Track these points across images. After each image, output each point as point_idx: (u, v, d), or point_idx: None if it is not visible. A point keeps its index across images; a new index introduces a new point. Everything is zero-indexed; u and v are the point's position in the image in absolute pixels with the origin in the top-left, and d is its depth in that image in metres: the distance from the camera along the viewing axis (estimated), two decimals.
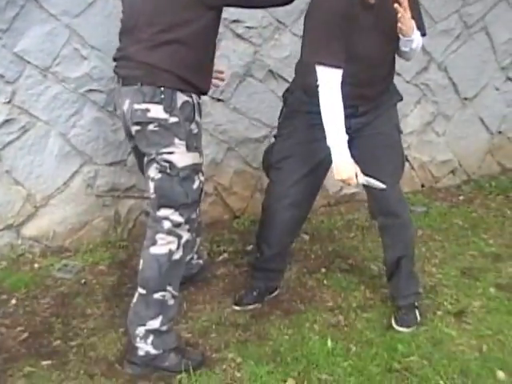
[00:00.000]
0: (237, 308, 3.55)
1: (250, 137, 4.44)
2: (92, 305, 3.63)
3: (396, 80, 4.68)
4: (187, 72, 2.91)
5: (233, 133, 4.42)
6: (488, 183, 5.35)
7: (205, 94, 3.12)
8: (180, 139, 2.91)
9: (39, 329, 3.43)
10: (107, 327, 3.41)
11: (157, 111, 2.88)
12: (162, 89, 2.88)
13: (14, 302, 3.68)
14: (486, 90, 5.25)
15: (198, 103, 3.04)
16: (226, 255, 4.18)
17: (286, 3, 3.15)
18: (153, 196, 2.97)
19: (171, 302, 3.07)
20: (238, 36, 4.27)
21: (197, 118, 3.02)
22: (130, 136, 3.08)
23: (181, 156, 2.93)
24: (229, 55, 4.27)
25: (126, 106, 2.95)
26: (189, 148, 2.95)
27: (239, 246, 4.06)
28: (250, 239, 4.27)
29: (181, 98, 2.91)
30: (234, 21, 4.23)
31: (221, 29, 4.07)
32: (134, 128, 2.95)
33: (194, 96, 2.99)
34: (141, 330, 3.02)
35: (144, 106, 2.89)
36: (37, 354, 3.21)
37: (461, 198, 5.15)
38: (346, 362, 3.08)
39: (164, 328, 3.06)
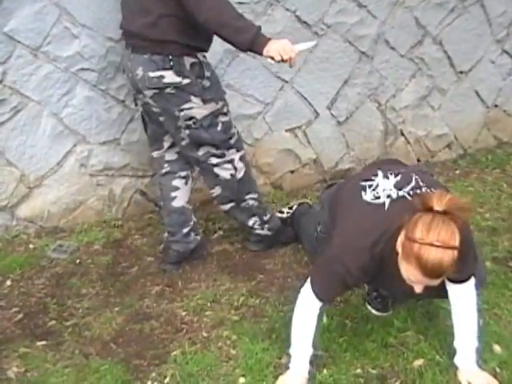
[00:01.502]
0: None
1: (243, 113, 4.39)
2: (87, 284, 3.65)
3: (390, 54, 4.74)
4: (188, 38, 3.27)
5: None
6: (484, 157, 5.30)
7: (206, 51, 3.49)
8: (195, 96, 3.37)
9: (34, 309, 3.45)
10: (102, 307, 3.44)
11: (170, 76, 3.30)
12: (170, 57, 3.28)
13: (8, 283, 3.69)
14: (482, 64, 5.20)
15: (204, 61, 3.44)
16: (220, 232, 4.17)
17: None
18: (187, 142, 3.51)
19: (255, 204, 3.78)
20: None
21: (206, 73, 3.42)
22: (139, 94, 3.48)
23: (199, 109, 3.40)
24: None
25: (139, 73, 3.34)
26: (204, 101, 3.40)
27: (234, 223, 4.03)
28: None
29: (188, 60, 3.32)
30: None
31: None
32: (151, 92, 3.37)
33: (199, 55, 3.39)
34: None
35: (158, 73, 3.30)
36: (32, 335, 3.23)
37: (457, 172, 5.11)
38: (342, 338, 3.10)
39: (264, 225, 3.86)
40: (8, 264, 3.84)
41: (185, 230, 3.75)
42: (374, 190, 2.85)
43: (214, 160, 3.58)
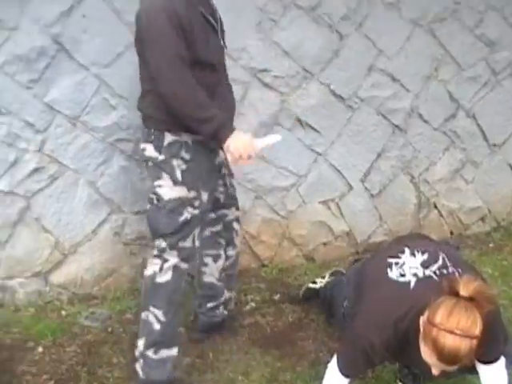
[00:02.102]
0: None
1: (277, 185, 4.45)
2: (118, 353, 3.64)
3: (423, 127, 4.76)
4: (169, 116, 3.14)
5: (260, 181, 4.42)
6: None
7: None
8: (167, 174, 3.21)
9: (65, 377, 3.44)
10: (133, 377, 3.39)
11: (150, 150, 3.24)
12: (152, 130, 3.23)
13: (40, 349, 3.69)
14: None
15: (189, 143, 3.22)
16: (253, 304, 4.16)
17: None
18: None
19: (156, 326, 3.25)
20: (266, 85, 4.29)
21: (184, 155, 3.22)
22: None
23: (167, 189, 3.22)
24: (256, 104, 4.29)
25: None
26: (175, 182, 3.21)
27: (266, 295, 4.04)
28: (277, 288, 4.28)
29: (168, 137, 3.20)
30: (262, 70, 4.25)
31: (248, 78, 4.20)
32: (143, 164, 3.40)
33: (183, 135, 3.20)
34: (136, 350, 3.35)
35: (143, 145, 3.30)
36: None
37: (490, 245, 5.09)
38: None
39: (149, 353, 3.26)
40: (40, 330, 3.83)
41: (212, 304, 3.73)
42: (400, 267, 2.86)
43: (155, 252, 3.29)
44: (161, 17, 2.99)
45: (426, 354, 2.50)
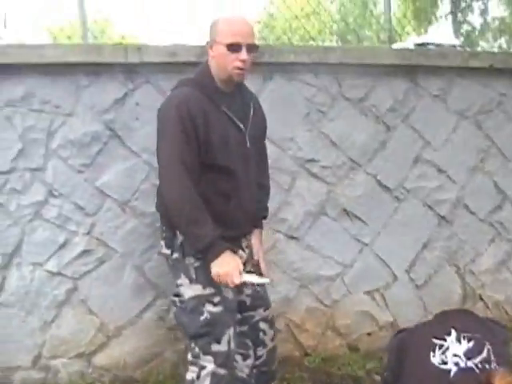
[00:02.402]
0: None
1: (322, 274, 4.45)
2: None
3: (469, 218, 4.75)
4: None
5: (305, 270, 4.43)
6: None
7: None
8: (183, 273, 3.19)
9: None
10: None
11: (164, 247, 3.29)
12: (164, 228, 3.28)
13: None
14: None
15: None
16: None
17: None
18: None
19: None
20: (313, 175, 4.35)
21: (195, 252, 3.14)
22: None
23: (186, 288, 3.19)
24: (303, 194, 4.34)
25: None
26: (190, 281, 3.18)
27: None
28: (320, 377, 4.22)
29: (179, 236, 3.19)
30: (310, 160, 4.32)
31: (296, 168, 4.24)
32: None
33: None
34: None
35: (161, 242, 3.34)
36: None
37: None
38: None
39: None
40: None
41: None
42: (443, 353, 2.82)
43: (190, 358, 3.24)
44: (173, 118, 3.03)
45: None
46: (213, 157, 3.06)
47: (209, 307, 3.14)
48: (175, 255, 3.20)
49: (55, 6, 5.67)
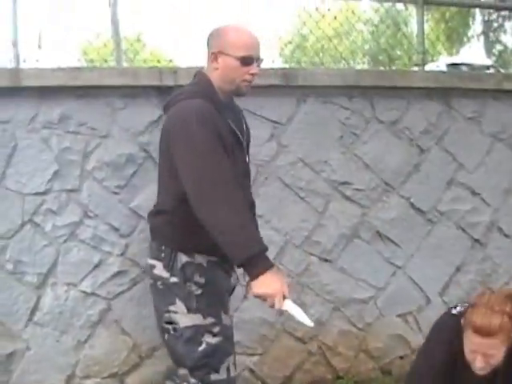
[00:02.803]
0: None
1: (355, 297, 4.44)
2: None
3: (503, 241, 4.74)
4: (182, 236, 2.94)
5: (338, 293, 4.42)
6: None
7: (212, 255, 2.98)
8: (180, 300, 2.94)
9: None
10: None
11: (160, 269, 2.99)
12: (163, 247, 2.99)
13: None
14: None
15: (203, 263, 2.98)
16: None
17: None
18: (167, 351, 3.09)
19: None
20: (347, 198, 4.36)
21: (199, 279, 2.95)
22: None
23: (182, 316, 2.94)
24: (337, 216, 4.34)
25: None
26: (189, 310, 2.94)
27: None
28: None
29: (182, 258, 2.94)
30: (343, 183, 4.33)
31: (329, 191, 4.24)
32: (149, 281, 3.12)
33: (197, 256, 2.96)
34: None
35: (151, 261, 3.05)
36: None
37: None
38: None
39: None
40: None
41: None
42: None
43: None
44: (200, 127, 2.80)
45: (466, 338, 2.79)
46: None
47: (208, 338, 2.95)
48: (174, 279, 2.94)
49: (88, 26, 5.72)
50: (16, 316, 3.95)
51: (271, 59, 4.66)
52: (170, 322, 2.98)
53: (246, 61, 2.94)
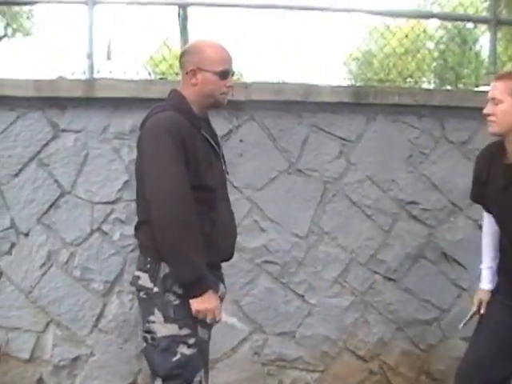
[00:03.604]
0: None
1: (418, 318, 4.39)
2: None
3: None
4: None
5: (402, 313, 4.38)
6: None
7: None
8: (158, 309, 2.93)
9: None
10: None
11: (145, 280, 2.97)
12: (148, 259, 2.97)
13: None
14: None
15: None
16: None
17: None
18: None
19: None
20: (414, 217, 4.32)
21: (177, 289, 2.91)
22: None
23: (160, 326, 2.92)
24: (403, 235, 4.32)
25: None
26: (166, 319, 2.92)
27: None
28: None
29: (164, 269, 2.92)
30: (410, 202, 4.30)
31: (396, 210, 4.23)
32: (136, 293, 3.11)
33: None
34: None
35: (137, 273, 3.03)
36: None
37: None
38: None
39: None
40: None
41: None
42: None
43: None
44: (166, 137, 2.85)
45: None
46: (200, 176, 2.92)
47: (183, 348, 2.93)
48: (156, 289, 2.94)
49: (157, 36, 5.81)
50: (81, 322, 4.04)
51: (342, 77, 4.68)
52: (149, 332, 2.97)
53: (224, 75, 3.00)
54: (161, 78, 5.15)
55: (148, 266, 2.96)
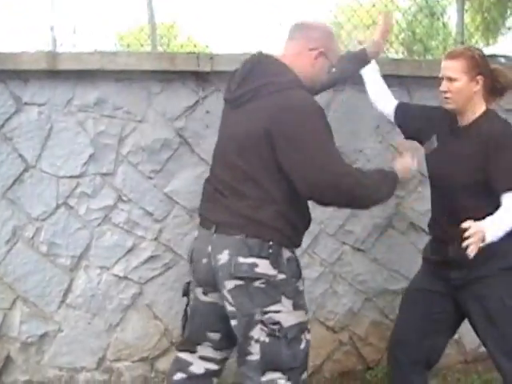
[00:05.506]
0: None
1: (388, 288, 4.43)
2: None
3: None
4: (289, 229, 2.83)
5: (371, 283, 4.41)
6: None
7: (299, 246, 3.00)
8: (287, 297, 2.77)
9: None
10: None
11: (265, 267, 2.74)
12: (271, 243, 2.76)
13: None
14: None
15: (298, 260, 2.93)
16: None
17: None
18: (256, 358, 2.77)
19: None
20: None
21: (298, 274, 2.88)
22: (207, 286, 2.94)
23: (287, 315, 2.77)
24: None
25: (223, 257, 2.78)
26: (295, 306, 2.81)
27: None
28: None
29: (286, 253, 2.81)
30: None
31: None
32: (233, 282, 2.77)
33: (295, 251, 2.91)
34: None
35: (251, 260, 2.74)
36: None
37: None
38: None
39: None
40: None
41: None
42: None
43: None
44: (320, 121, 2.79)
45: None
46: None
47: (307, 335, 2.86)
48: (281, 276, 2.76)
49: (124, 11, 5.73)
50: (49, 298, 4.01)
51: None
52: (274, 323, 2.75)
53: (331, 70, 3.04)
54: (127, 51, 5.10)
55: (270, 250, 2.75)
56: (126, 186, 4.02)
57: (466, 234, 2.78)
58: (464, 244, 2.78)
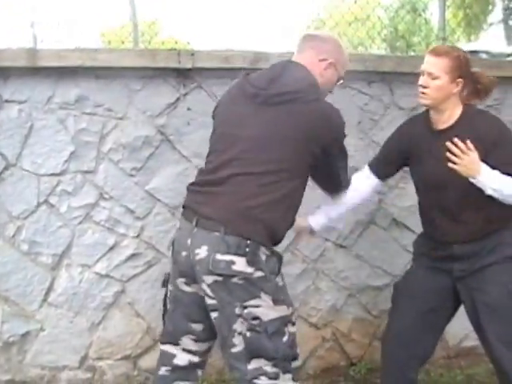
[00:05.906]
0: None
1: (370, 284, 4.43)
2: None
3: None
4: (274, 229, 2.84)
5: (354, 279, 4.41)
6: None
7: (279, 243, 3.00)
8: (266, 293, 2.78)
9: None
10: None
11: (241, 264, 2.75)
12: (248, 242, 2.76)
13: None
14: None
15: (280, 256, 2.91)
16: None
17: None
18: (240, 349, 2.80)
19: None
20: None
21: (277, 269, 2.89)
22: (187, 277, 2.92)
23: (267, 309, 2.79)
24: None
25: (202, 252, 2.78)
26: (276, 301, 2.81)
27: None
28: None
29: (264, 252, 2.80)
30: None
31: None
32: (212, 278, 2.77)
33: (274, 248, 2.88)
34: None
35: (228, 257, 2.75)
36: None
37: None
38: None
39: None
40: None
41: None
42: None
43: (264, 381, 2.82)
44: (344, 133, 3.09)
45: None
46: None
47: (290, 328, 2.88)
48: (258, 273, 2.76)
49: (106, 8, 5.71)
50: (30, 297, 3.99)
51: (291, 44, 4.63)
52: (254, 318, 2.78)
53: (338, 81, 3.17)
54: (108, 48, 5.06)
55: (247, 249, 2.75)
56: (108, 183, 4.00)
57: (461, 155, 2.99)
58: (450, 164, 3.01)
